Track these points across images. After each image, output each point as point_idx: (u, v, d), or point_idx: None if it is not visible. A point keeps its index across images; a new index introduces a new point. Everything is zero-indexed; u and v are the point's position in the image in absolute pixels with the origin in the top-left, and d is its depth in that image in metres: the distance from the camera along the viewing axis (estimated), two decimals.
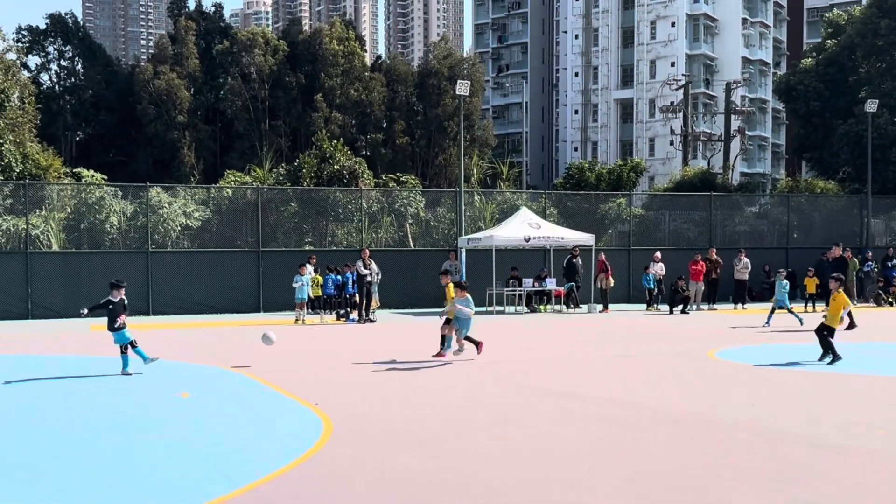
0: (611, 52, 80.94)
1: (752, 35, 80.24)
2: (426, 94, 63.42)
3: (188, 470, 8.14)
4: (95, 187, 31.97)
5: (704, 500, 7.12)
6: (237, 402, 11.82)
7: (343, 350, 18.37)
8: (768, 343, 19.14)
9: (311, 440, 9.29)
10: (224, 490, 7.41)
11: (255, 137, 59.58)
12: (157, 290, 28.05)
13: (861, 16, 42.69)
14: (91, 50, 63.43)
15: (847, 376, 14.08)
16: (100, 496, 7.34)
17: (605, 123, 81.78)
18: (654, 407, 11.17)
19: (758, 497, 7.17)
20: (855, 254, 33.16)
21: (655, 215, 37.26)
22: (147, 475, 7.98)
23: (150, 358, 14.60)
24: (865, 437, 9.36)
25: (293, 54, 61.96)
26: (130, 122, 60.66)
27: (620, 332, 22.04)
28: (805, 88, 43.19)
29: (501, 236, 29.14)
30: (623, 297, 32.24)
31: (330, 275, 28.24)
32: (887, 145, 38.96)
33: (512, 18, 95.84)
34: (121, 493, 7.40)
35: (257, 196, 30.56)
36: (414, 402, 11.68)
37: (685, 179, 43.20)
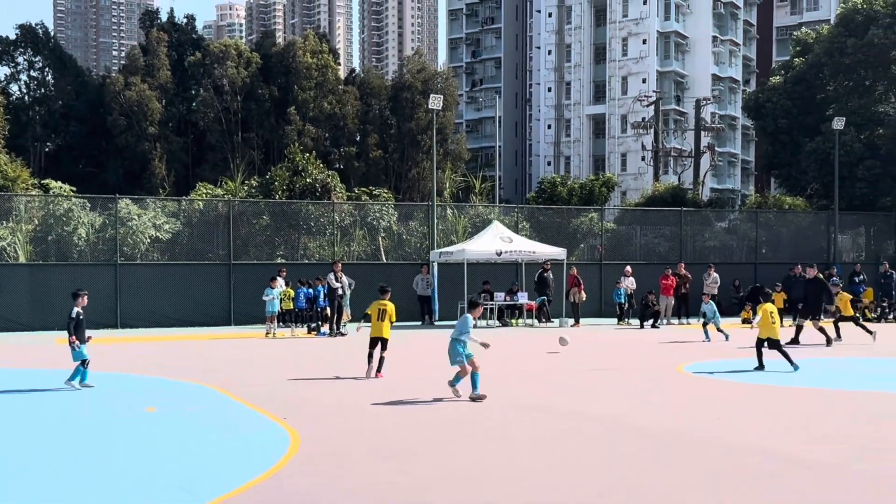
0: (583, 68, 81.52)
1: (721, 53, 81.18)
2: (400, 107, 63.48)
3: (152, 485, 8.05)
4: (64, 199, 31.65)
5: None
6: (204, 417, 11.72)
7: (313, 364, 18.28)
8: (736, 358, 19.28)
9: (279, 455, 9.22)
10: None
11: (228, 150, 59.29)
12: (125, 303, 27.76)
13: (828, 35, 43.31)
14: (62, 60, 62.89)
15: (812, 391, 14.22)
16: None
17: (577, 138, 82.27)
18: (623, 421, 11.21)
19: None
20: (822, 270, 33.51)
21: (627, 230, 37.51)
22: (110, 490, 7.88)
23: (86, 384, 14.10)
24: (832, 451, 9.44)
25: (266, 67, 61.80)
26: (101, 134, 60.14)
27: (591, 347, 22.12)
28: (773, 106, 43.71)
29: (473, 250, 29.18)
30: (594, 311, 32.36)
31: (301, 288, 28.13)
32: (854, 163, 39.50)
33: (485, 34, 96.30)
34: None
35: (228, 208, 30.40)
36: (384, 416, 11.64)
37: (656, 195, 43.54)
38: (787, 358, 16.31)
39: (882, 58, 41.06)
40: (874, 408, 12.54)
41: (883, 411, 12.23)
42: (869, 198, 39.73)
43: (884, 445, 9.85)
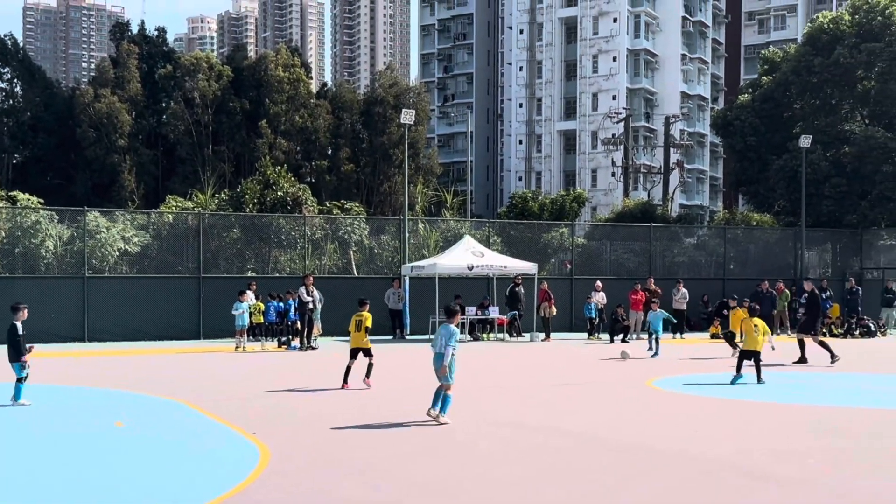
0: (554, 85, 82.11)
1: (690, 71, 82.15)
2: (372, 121, 63.50)
3: (120, 500, 7.98)
4: (31, 211, 31.31)
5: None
6: (173, 431, 11.62)
7: (283, 378, 18.18)
8: (706, 372, 19.45)
9: (248, 470, 9.17)
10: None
11: (198, 162, 58.94)
12: (93, 316, 27.46)
13: (796, 54, 43.96)
14: (30, 72, 62.28)
15: (781, 406, 14.37)
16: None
17: (548, 154, 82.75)
18: (592, 435, 11.27)
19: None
20: (788, 286, 33.93)
21: (597, 245, 37.74)
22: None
23: (20, 402, 13.45)
24: (798, 466, 9.55)
25: (238, 80, 61.58)
26: (69, 146, 59.55)
27: (561, 361, 22.20)
28: (742, 124, 44.25)
29: (445, 264, 29.22)
30: (565, 325, 32.48)
31: (272, 301, 27.99)
32: (821, 180, 40.05)
33: (458, 49, 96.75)
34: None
35: (198, 221, 30.21)
36: (355, 430, 11.61)
37: (626, 210, 43.88)
38: (759, 371, 16.77)
39: (848, 77, 41.75)
40: (839, 422, 12.70)
41: (848, 426, 12.39)
42: (835, 215, 40.29)
43: (849, 460, 9.98)
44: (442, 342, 11.93)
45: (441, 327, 12.22)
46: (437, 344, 12.01)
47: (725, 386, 16.76)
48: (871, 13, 41.30)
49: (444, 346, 11.90)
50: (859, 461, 9.89)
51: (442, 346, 11.91)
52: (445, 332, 12.01)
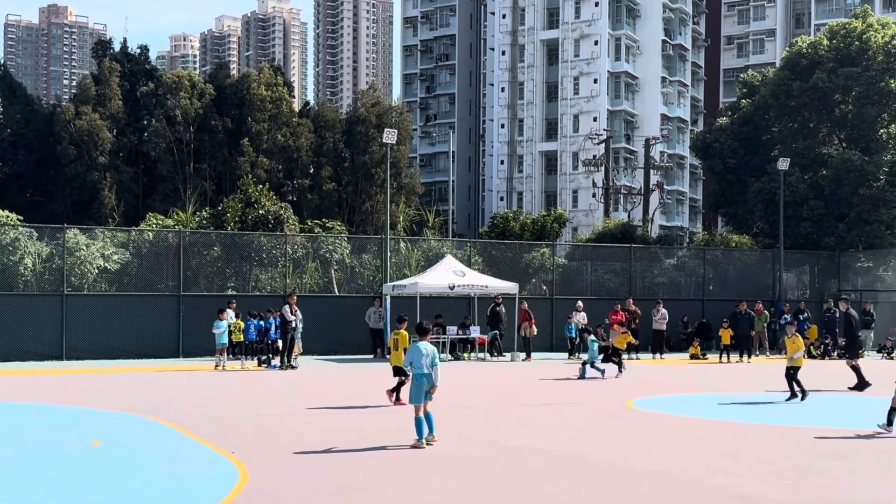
0: (536, 106, 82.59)
1: (670, 93, 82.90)
2: (354, 141, 63.56)
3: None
4: (10, 228, 31.08)
5: None
6: (151, 451, 11.56)
7: (263, 397, 18.13)
8: (685, 393, 19.55)
9: (227, 490, 9.14)
10: None
11: (179, 180, 58.74)
12: (71, 334, 27.24)
13: (774, 77, 44.46)
14: (11, 88, 61.98)
15: (758, 426, 14.47)
16: None
17: (530, 174, 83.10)
18: (571, 455, 11.31)
19: None
20: (767, 307, 34.17)
21: (578, 265, 37.89)
22: None
23: None
24: (774, 486, 9.63)
25: (220, 98, 61.53)
26: (49, 163, 59.21)
27: (542, 381, 22.24)
28: (721, 146, 44.66)
29: (426, 284, 29.24)
30: (546, 345, 32.54)
31: (252, 320, 27.88)
32: (799, 203, 40.43)
33: (440, 70, 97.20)
34: None
35: (179, 239, 30.11)
36: (334, 450, 11.59)
37: (606, 231, 44.11)
38: (794, 388, 17.76)
39: (826, 101, 42.28)
40: (817, 442, 12.81)
41: (825, 446, 12.50)
42: (813, 237, 40.68)
43: (826, 480, 10.07)
44: (427, 361, 11.73)
45: (416, 346, 11.93)
46: (420, 364, 11.75)
47: (705, 407, 16.86)
48: (848, 38, 41.90)
49: (432, 367, 11.75)
50: (835, 480, 9.98)
51: (427, 365, 11.72)
52: (427, 352, 11.82)
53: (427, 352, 11.81)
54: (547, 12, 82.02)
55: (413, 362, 11.86)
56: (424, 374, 11.75)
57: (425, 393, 11.73)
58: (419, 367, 11.76)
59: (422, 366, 11.75)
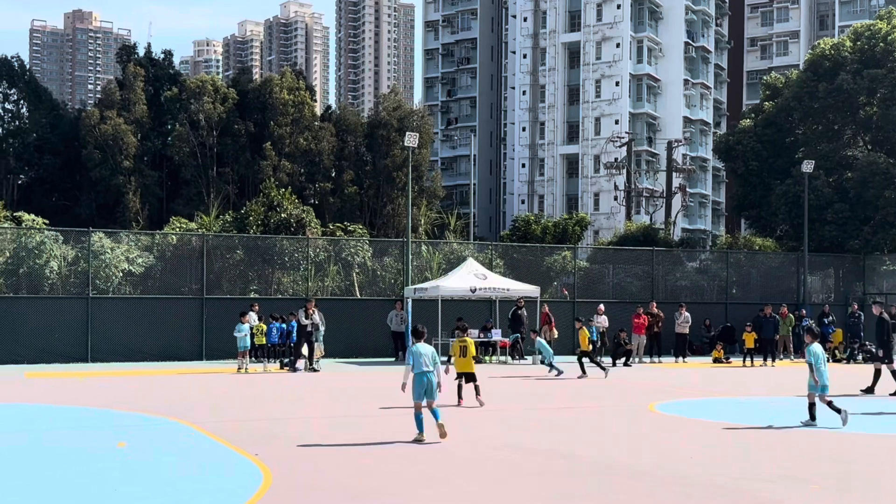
0: (557, 109, 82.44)
1: (693, 96, 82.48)
2: (375, 144, 63.74)
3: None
4: (36, 231, 31.43)
5: None
6: (175, 453, 11.64)
7: (286, 400, 18.21)
8: (708, 397, 19.44)
9: (250, 492, 9.19)
10: None
11: (203, 184, 59.16)
12: (96, 336, 27.49)
13: (798, 79, 44.17)
14: (37, 93, 62.65)
15: (783, 431, 14.36)
16: None
17: (551, 177, 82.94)
18: (594, 459, 11.28)
19: None
20: (791, 311, 33.91)
21: (599, 269, 37.76)
22: None
23: None
24: (801, 492, 9.55)
25: (243, 102, 61.91)
26: (75, 167, 59.81)
27: (563, 384, 22.19)
28: (744, 148, 44.39)
29: (448, 287, 29.26)
30: (567, 349, 32.43)
31: (274, 323, 28.03)
32: (823, 205, 40.12)
33: (461, 73, 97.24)
34: None
35: (202, 243, 30.31)
36: (356, 453, 11.62)
37: (628, 234, 43.94)
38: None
39: (850, 103, 41.93)
40: (844, 448, 12.70)
41: (851, 452, 12.39)
42: (838, 240, 40.33)
43: (849, 485, 9.99)
44: (427, 361, 12.26)
45: (416, 347, 12.42)
46: (421, 364, 12.24)
47: (729, 410, 16.76)
48: (872, 39, 41.54)
49: (434, 365, 12.32)
50: (863, 487, 9.89)
51: (428, 364, 12.25)
52: (427, 352, 12.35)
53: (426, 352, 12.35)
54: (568, 15, 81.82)
55: (414, 363, 12.34)
56: (425, 372, 12.24)
57: (430, 390, 12.25)
58: (420, 367, 12.25)
59: (422, 365, 12.25)
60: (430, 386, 12.27)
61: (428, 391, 12.28)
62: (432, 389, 12.30)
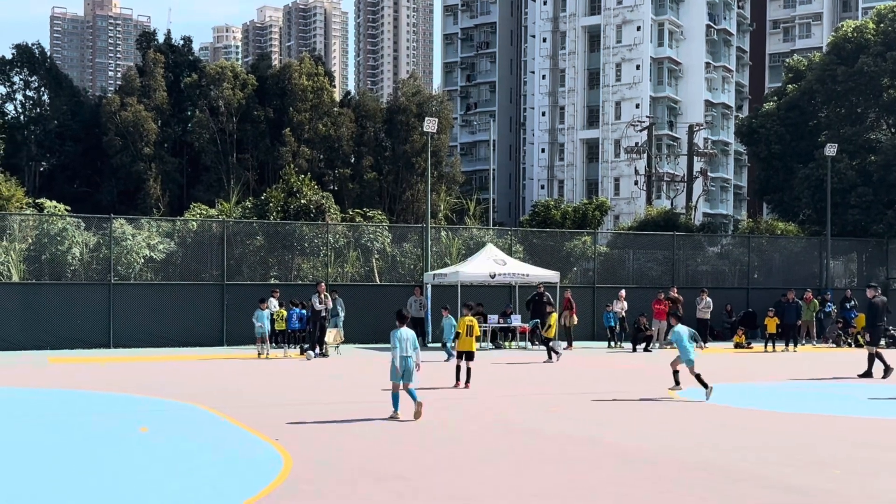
0: (577, 93, 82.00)
1: (714, 79, 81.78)
2: (395, 130, 63.70)
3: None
4: (58, 218, 31.65)
5: None
6: (197, 437, 11.71)
7: (305, 385, 18.26)
8: (729, 383, 19.33)
9: (271, 476, 9.22)
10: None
11: (223, 170, 59.37)
12: (118, 322, 27.69)
13: (820, 62, 43.68)
14: (57, 80, 63.00)
15: (805, 416, 14.26)
16: None
17: (571, 162, 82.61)
18: (614, 445, 11.24)
19: None
20: (815, 295, 33.64)
21: (619, 254, 37.59)
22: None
23: None
24: (822, 477, 9.48)
25: (262, 88, 62.00)
26: (96, 153, 60.18)
27: (583, 370, 22.14)
28: (766, 132, 43.99)
29: (467, 272, 29.23)
30: (587, 334, 32.39)
31: (294, 309, 28.11)
32: (847, 189, 39.73)
33: (480, 58, 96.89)
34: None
35: (223, 229, 30.42)
36: (378, 438, 11.65)
37: (649, 219, 43.69)
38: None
39: (873, 85, 41.43)
40: (867, 433, 12.60)
41: (876, 437, 12.28)
42: (861, 224, 39.94)
43: (877, 470, 9.89)
44: (406, 346, 12.92)
45: (399, 332, 13.01)
46: (403, 347, 12.88)
47: (751, 396, 16.65)
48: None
49: (414, 350, 13.03)
50: (888, 471, 9.80)
51: (407, 349, 12.91)
52: (408, 337, 13.04)
53: (407, 336, 13.02)
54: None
55: (396, 346, 12.92)
56: (405, 357, 12.92)
57: (408, 373, 12.92)
58: (402, 351, 12.89)
59: (404, 349, 12.92)
60: (409, 369, 12.95)
61: (406, 374, 12.94)
62: (410, 372, 12.98)
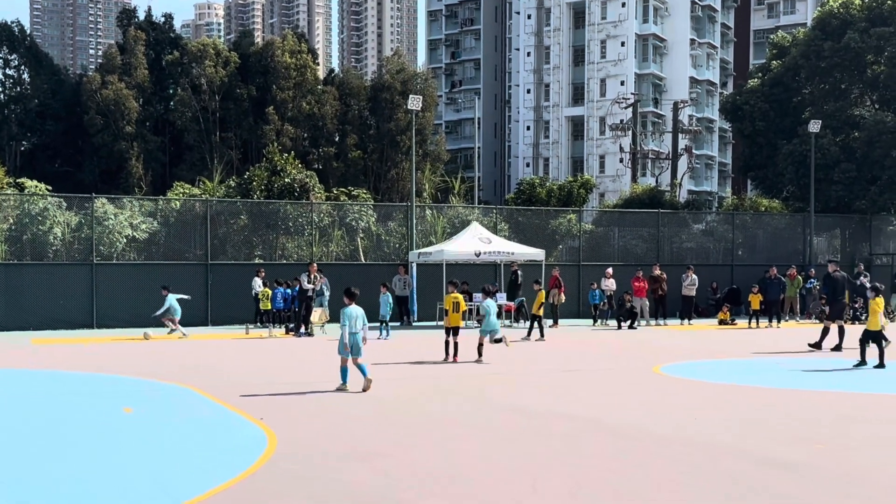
0: (562, 70, 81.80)
1: (699, 55, 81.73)
2: (379, 108, 63.36)
3: (128, 485, 8.01)
4: (39, 198, 31.36)
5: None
6: (181, 417, 11.67)
7: (290, 364, 18.24)
8: (713, 359, 19.43)
9: (255, 455, 9.20)
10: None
11: (205, 149, 58.94)
12: (101, 302, 27.55)
13: (805, 38, 43.66)
14: (38, 59, 62.27)
15: (787, 391, 14.35)
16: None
17: (556, 140, 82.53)
18: (598, 421, 11.27)
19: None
20: (798, 271, 33.81)
21: (605, 231, 37.65)
22: (86, 490, 7.84)
23: None
24: (804, 451, 9.53)
25: (244, 66, 61.48)
26: (77, 132, 59.62)
27: (568, 347, 22.19)
28: (751, 108, 44.01)
29: (452, 251, 29.20)
30: (572, 312, 32.46)
31: (279, 288, 28.04)
32: (830, 165, 39.85)
33: (465, 35, 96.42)
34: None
35: (206, 208, 30.24)
36: (360, 416, 11.63)
37: (634, 196, 43.73)
38: (881, 355, 17.18)
39: (858, 61, 41.48)
40: (843, 408, 12.68)
41: (857, 411, 12.37)
42: (844, 200, 40.11)
43: (852, 444, 9.96)
44: (356, 322, 13.48)
45: (348, 309, 13.55)
46: (352, 325, 13.41)
47: (733, 372, 16.75)
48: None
49: (363, 326, 13.60)
50: (869, 446, 9.87)
51: (356, 326, 13.47)
52: (358, 314, 13.58)
53: (356, 314, 13.58)
54: None
55: (347, 324, 13.44)
56: (354, 333, 13.46)
57: (356, 349, 13.51)
58: (351, 328, 13.43)
59: (353, 326, 13.45)
60: (357, 345, 13.55)
61: (354, 349, 13.53)
62: (359, 348, 13.59)
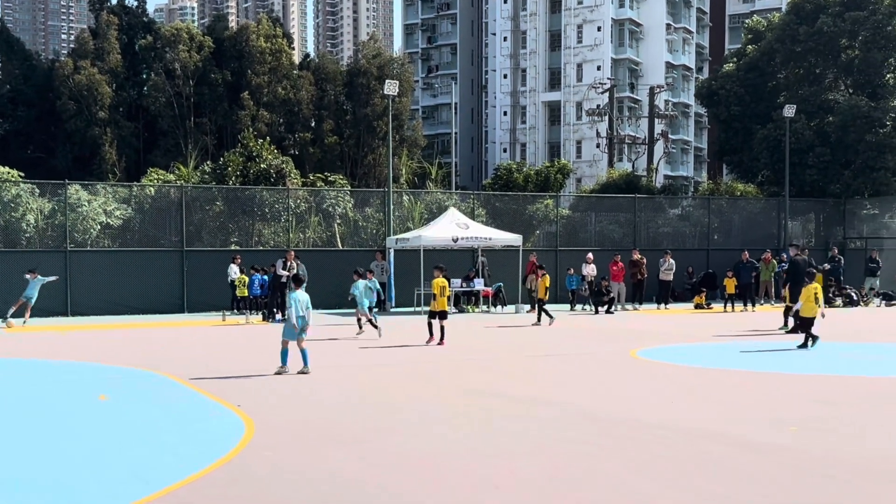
0: (539, 55, 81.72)
1: (675, 40, 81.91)
2: (355, 93, 63.00)
3: (104, 473, 7.95)
4: (11, 184, 30.97)
5: (623, 498, 7.22)
6: (157, 405, 11.58)
7: (267, 351, 18.15)
8: (689, 343, 19.55)
9: (233, 442, 9.16)
10: (140, 494, 7.26)
11: (180, 135, 58.40)
12: (76, 290, 27.30)
13: (780, 22, 43.85)
14: (9, 44, 61.37)
15: (764, 374, 14.47)
16: (12, 500, 7.11)
17: (533, 125, 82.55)
18: (575, 406, 11.31)
19: (676, 494, 7.30)
20: (773, 256, 34.05)
21: (582, 216, 37.74)
22: (61, 478, 7.77)
23: None
24: (779, 434, 9.61)
25: (219, 51, 60.87)
26: (50, 118, 58.87)
27: (546, 332, 22.26)
28: (726, 93, 44.20)
29: (429, 237, 29.16)
30: (550, 297, 32.42)
31: (256, 275, 27.88)
32: (804, 150, 40.12)
33: (441, 19, 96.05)
34: (34, 497, 7.17)
35: (181, 194, 30.00)
36: (338, 403, 11.61)
37: (611, 181, 43.86)
38: (808, 338, 17.62)
39: (832, 46, 41.73)
40: (823, 391, 12.80)
41: (831, 394, 12.49)
42: (819, 185, 40.42)
43: (832, 428, 10.06)
44: (302, 307, 13.94)
45: (295, 294, 14.04)
46: (298, 308, 13.87)
47: (709, 355, 16.86)
48: None
49: (307, 310, 14.05)
50: (842, 428, 9.96)
51: (302, 310, 13.94)
52: (304, 299, 14.03)
53: (303, 299, 14.04)
54: None
55: (294, 308, 13.89)
56: (300, 317, 13.91)
57: (302, 332, 13.96)
58: (298, 312, 13.88)
59: (299, 309, 13.90)
60: (304, 327, 14.03)
61: (302, 331, 13.99)
62: (303, 331, 14.03)
